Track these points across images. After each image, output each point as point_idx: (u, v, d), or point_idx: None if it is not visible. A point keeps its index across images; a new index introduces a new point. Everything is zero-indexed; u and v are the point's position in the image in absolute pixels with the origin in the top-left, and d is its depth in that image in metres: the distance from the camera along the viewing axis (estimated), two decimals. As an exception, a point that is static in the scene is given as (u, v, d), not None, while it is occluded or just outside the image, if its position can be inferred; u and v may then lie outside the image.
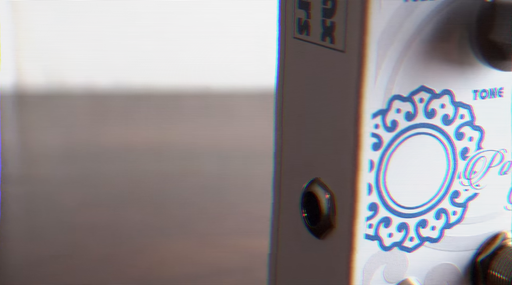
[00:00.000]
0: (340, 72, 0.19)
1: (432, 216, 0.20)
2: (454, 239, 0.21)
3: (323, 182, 0.20)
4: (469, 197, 0.21)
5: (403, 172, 0.20)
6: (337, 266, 0.20)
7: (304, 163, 0.21)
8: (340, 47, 0.19)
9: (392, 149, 0.19)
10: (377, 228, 0.20)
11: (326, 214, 0.20)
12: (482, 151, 0.21)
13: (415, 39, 0.19)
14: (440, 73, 0.19)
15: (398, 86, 0.19)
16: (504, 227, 0.21)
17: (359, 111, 0.19)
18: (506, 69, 0.19)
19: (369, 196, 0.20)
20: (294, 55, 0.21)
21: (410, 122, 0.19)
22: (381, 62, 0.19)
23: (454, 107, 0.20)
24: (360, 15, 0.18)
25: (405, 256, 0.20)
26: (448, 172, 0.20)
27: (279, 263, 0.23)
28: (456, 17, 0.19)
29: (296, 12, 0.20)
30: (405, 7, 0.18)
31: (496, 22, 0.18)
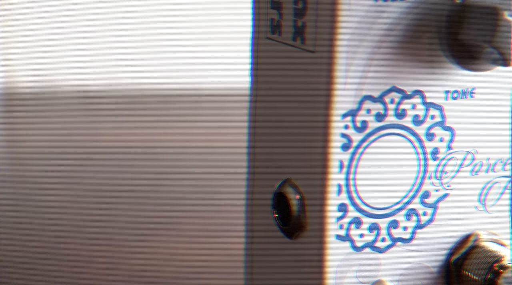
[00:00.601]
0: (311, 72, 0.19)
1: (403, 217, 0.20)
2: (426, 240, 0.21)
3: (294, 183, 0.20)
4: (439, 197, 0.21)
5: (373, 172, 0.20)
6: (309, 267, 0.20)
7: (276, 163, 0.21)
8: (311, 47, 0.19)
9: (362, 149, 0.19)
10: (348, 229, 0.20)
11: (296, 215, 0.20)
12: (453, 152, 0.21)
13: (385, 39, 0.19)
14: (411, 74, 0.19)
15: (369, 86, 0.19)
16: (476, 227, 0.21)
17: (328, 112, 0.19)
18: (476, 70, 0.19)
19: (338, 196, 0.20)
20: (266, 55, 0.21)
21: (380, 123, 0.19)
22: (351, 62, 0.19)
23: (425, 107, 0.20)
24: (330, 15, 0.18)
25: (377, 256, 0.20)
26: (419, 172, 0.20)
27: (254, 263, 0.23)
28: (427, 18, 0.19)
29: (269, 13, 0.20)
30: (375, 8, 0.18)
31: (465, 23, 0.18)
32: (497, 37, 0.18)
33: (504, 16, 0.17)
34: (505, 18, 0.17)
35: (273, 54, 0.20)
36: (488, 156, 0.21)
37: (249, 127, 0.22)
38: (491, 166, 0.21)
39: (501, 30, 0.17)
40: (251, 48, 0.21)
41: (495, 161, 0.21)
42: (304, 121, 0.20)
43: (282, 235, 0.21)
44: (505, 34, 0.17)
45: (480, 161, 0.21)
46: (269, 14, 0.20)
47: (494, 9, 0.17)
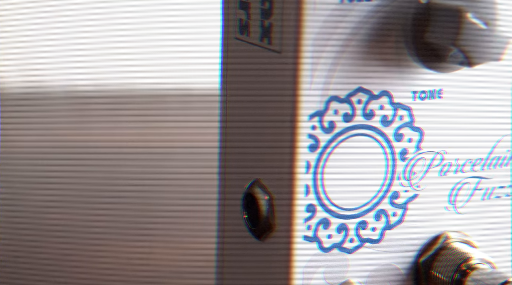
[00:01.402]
0: (277, 73, 0.19)
1: (372, 217, 0.20)
2: (396, 240, 0.21)
3: (263, 184, 0.20)
4: (409, 198, 0.21)
5: (341, 173, 0.20)
6: (277, 267, 0.20)
7: (246, 164, 0.21)
8: (277, 48, 0.19)
9: (330, 150, 0.19)
10: (316, 230, 0.20)
11: (265, 216, 0.20)
12: (422, 152, 0.21)
13: (351, 40, 0.19)
14: (377, 75, 0.19)
15: (335, 87, 0.19)
16: (446, 228, 0.21)
17: (295, 113, 0.19)
18: (443, 71, 0.19)
19: (306, 197, 0.20)
20: (235, 56, 0.21)
21: (348, 123, 0.19)
22: (316, 63, 0.19)
23: (393, 108, 0.20)
24: (295, 16, 0.18)
25: (345, 257, 0.20)
26: (387, 173, 0.20)
27: (225, 263, 0.23)
28: (393, 19, 0.19)
29: (237, 13, 0.20)
30: (341, 8, 0.18)
31: (430, 24, 0.18)
32: (460, 38, 0.18)
33: (468, 17, 0.17)
34: (468, 19, 0.17)
35: (242, 55, 0.20)
36: (457, 156, 0.21)
37: (220, 127, 0.22)
38: (460, 166, 0.21)
39: (464, 31, 0.17)
40: (221, 48, 0.21)
41: (464, 161, 0.21)
42: (272, 121, 0.20)
43: (251, 236, 0.21)
44: (469, 35, 0.17)
45: (449, 161, 0.21)
46: (238, 15, 0.20)
47: (457, 10, 0.17)
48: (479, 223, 0.22)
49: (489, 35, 0.18)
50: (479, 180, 0.21)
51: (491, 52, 0.18)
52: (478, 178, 0.21)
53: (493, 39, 0.18)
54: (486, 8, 0.17)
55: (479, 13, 0.17)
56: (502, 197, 0.22)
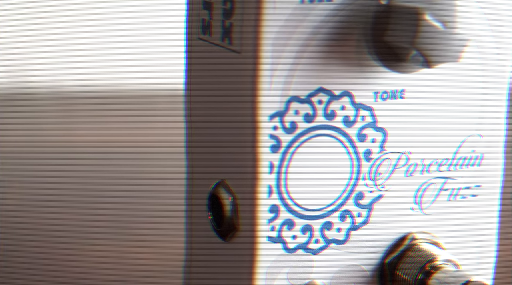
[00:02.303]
0: (238, 73, 0.19)
1: (337, 218, 0.20)
2: (361, 241, 0.21)
3: (228, 184, 0.20)
4: (374, 198, 0.21)
5: (304, 174, 0.20)
6: (241, 268, 0.20)
7: (211, 164, 0.21)
8: (237, 48, 0.19)
9: (292, 150, 0.19)
10: (280, 230, 0.20)
11: (229, 217, 0.20)
12: (386, 153, 0.21)
13: (311, 40, 0.19)
14: (338, 75, 0.19)
15: (296, 87, 0.19)
16: (412, 228, 0.21)
17: (255, 113, 0.19)
18: (404, 71, 0.19)
19: (269, 198, 0.19)
20: (198, 56, 0.21)
21: (309, 124, 0.19)
22: (276, 63, 0.19)
23: (355, 108, 0.20)
24: (255, 16, 0.18)
25: (310, 258, 0.20)
26: (352, 173, 0.20)
27: (192, 264, 0.23)
28: (353, 19, 0.19)
29: (201, 13, 0.20)
30: (301, 9, 0.18)
31: (390, 25, 0.18)
32: (418, 39, 0.17)
33: (425, 18, 0.17)
34: (426, 20, 0.17)
35: (204, 55, 0.20)
36: (422, 157, 0.21)
37: (186, 127, 0.22)
38: (426, 167, 0.21)
39: (422, 32, 0.17)
40: (185, 48, 0.21)
41: (430, 162, 0.21)
42: (234, 122, 0.20)
43: (217, 237, 0.21)
44: (427, 36, 0.17)
45: (414, 162, 0.21)
46: (201, 15, 0.20)
47: (415, 11, 0.17)
48: (445, 223, 0.22)
49: (447, 35, 0.18)
50: (445, 181, 0.21)
51: (450, 52, 0.18)
52: (444, 179, 0.21)
53: (452, 40, 0.18)
54: (444, 9, 0.17)
55: (437, 14, 0.17)
56: (468, 197, 0.22)
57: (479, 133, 0.21)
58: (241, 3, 0.18)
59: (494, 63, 0.21)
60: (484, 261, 0.22)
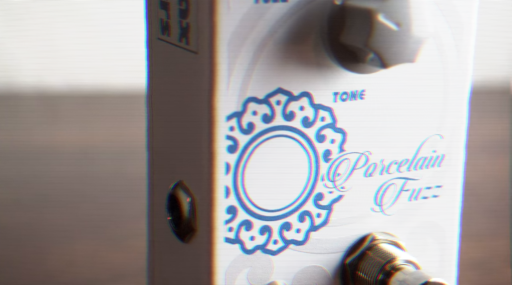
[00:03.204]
0: (195, 74, 0.19)
1: (296, 219, 0.20)
2: (321, 242, 0.21)
3: (186, 185, 0.20)
4: (334, 199, 0.21)
5: (262, 174, 0.20)
6: (200, 269, 0.20)
7: (171, 165, 0.21)
8: (194, 48, 0.19)
9: (250, 151, 0.19)
10: (238, 231, 0.20)
11: (187, 218, 0.20)
12: (346, 154, 0.20)
13: (268, 41, 0.19)
14: (297, 76, 0.19)
15: (253, 88, 0.19)
16: (372, 229, 0.21)
17: (212, 114, 0.19)
18: (361, 72, 0.19)
19: (227, 199, 0.19)
20: (158, 56, 0.21)
21: (267, 125, 0.19)
22: (233, 63, 0.18)
23: (314, 109, 0.20)
24: (209, 16, 0.18)
25: (269, 259, 0.20)
26: (311, 174, 0.20)
27: (155, 265, 0.23)
28: (310, 20, 0.19)
29: (159, 13, 0.20)
30: (256, 9, 0.18)
31: (345, 25, 0.18)
32: (373, 40, 0.17)
33: (379, 19, 0.17)
34: (379, 20, 0.17)
35: (164, 55, 0.20)
36: (382, 157, 0.21)
37: (147, 127, 0.22)
38: (386, 167, 0.21)
39: (376, 32, 0.17)
40: (146, 49, 0.21)
41: (390, 162, 0.21)
42: (191, 123, 0.20)
43: (176, 238, 0.21)
44: (381, 37, 0.17)
45: (374, 162, 0.21)
46: (159, 15, 0.20)
47: (368, 12, 0.17)
48: (406, 224, 0.22)
49: (402, 36, 0.18)
50: (405, 181, 0.21)
51: (405, 53, 0.18)
52: (404, 179, 0.21)
53: (407, 40, 0.18)
54: (398, 9, 0.17)
55: (391, 15, 0.17)
56: (429, 197, 0.22)
57: (440, 134, 0.21)
58: (196, 3, 0.18)
59: (454, 63, 0.21)
60: (446, 261, 0.22)
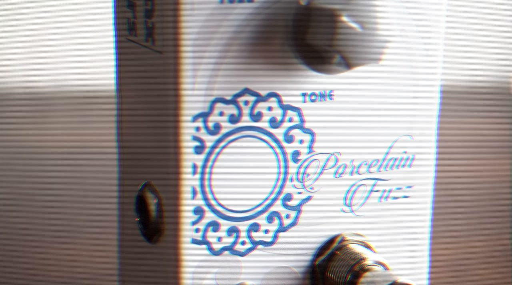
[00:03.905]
0: (161, 74, 0.19)
1: (264, 220, 0.20)
2: (290, 242, 0.21)
3: (154, 186, 0.20)
4: (303, 200, 0.21)
5: (230, 175, 0.20)
6: (168, 270, 0.20)
7: (139, 166, 0.21)
8: (159, 48, 0.19)
9: (217, 152, 0.19)
10: (205, 233, 0.20)
11: (154, 219, 0.20)
12: (315, 154, 0.20)
13: (234, 41, 0.19)
14: (264, 76, 0.19)
15: (220, 88, 0.19)
16: (342, 229, 0.21)
17: (177, 114, 0.19)
18: (327, 72, 0.19)
19: (193, 200, 0.19)
20: (126, 56, 0.20)
21: (234, 125, 0.19)
22: (198, 64, 0.18)
23: (282, 110, 0.20)
24: (173, 16, 0.18)
25: (238, 260, 0.20)
26: (279, 175, 0.20)
27: (125, 266, 0.22)
28: (275, 20, 0.19)
29: (126, 13, 0.20)
30: (221, 9, 0.18)
31: (311, 26, 0.18)
32: (336, 40, 0.17)
33: (342, 19, 0.17)
34: (343, 21, 0.17)
35: (131, 55, 0.20)
36: (352, 158, 0.21)
37: (117, 128, 0.22)
38: (356, 168, 0.21)
39: (340, 33, 0.17)
40: (115, 49, 0.21)
41: (360, 163, 0.21)
42: (158, 123, 0.19)
43: (144, 239, 0.21)
44: (345, 37, 0.17)
45: (344, 163, 0.21)
46: (126, 14, 0.20)
47: (332, 12, 0.17)
48: (376, 224, 0.22)
49: (366, 37, 0.17)
50: (375, 182, 0.21)
51: (370, 54, 0.18)
52: (374, 180, 0.21)
53: (371, 41, 0.17)
54: (362, 10, 0.17)
55: (355, 15, 0.17)
56: (400, 198, 0.22)
57: (410, 134, 0.21)
58: (161, 3, 0.18)
59: (423, 64, 0.21)
60: (417, 262, 0.22)
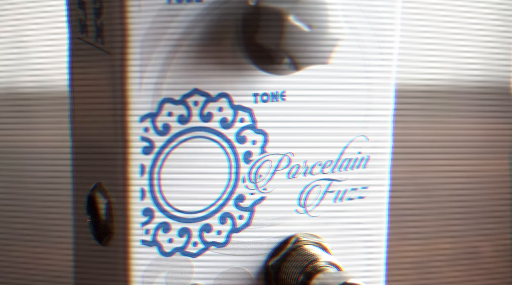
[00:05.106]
0: (109, 74, 0.19)
1: (217, 221, 0.20)
2: (243, 244, 0.21)
3: (104, 187, 0.20)
4: (255, 201, 0.20)
5: (180, 176, 0.19)
6: (118, 272, 0.20)
7: (90, 166, 0.21)
8: (108, 48, 0.18)
9: (166, 153, 0.19)
10: (155, 234, 0.19)
11: (104, 220, 0.20)
12: (267, 155, 0.20)
13: (183, 41, 0.18)
14: (214, 76, 0.19)
15: (168, 89, 0.19)
16: (297, 230, 0.21)
17: (125, 114, 0.18)
18: (277, 73, 0.19)
19: (142, 201, 0.19)
20: (78, 56, 0.20)
21: (184, 126, 0.19)
22: (146, 64, 0.18)
23: (233, 110, 0.19)
24: (120, 16, 0.18)
25: (189, 261, 0.20)
26: (231, 176, 0.20)
27: (79, 267, 0.22)
28: (225, 20, 0.19)
29: (77, 12, 0.20)
30: (169, 9, 0.18)
31: (260, 26, 0.18)
32: (283, 41, 0.17)
33: (289, 20, 0.17)
34: (290, 21, 0.17)
35: (83, 55, 0.20)
36: (305, 159, 0.21)
37: (71, 128, 0.22)
38: (309, 169, 0.21)
39: (287, 34, 0.17)
40: (68, 48, 0.21)
41: (313, 164, 0.21)
42: (108, 124, 0.19)
43: (95, 240, 0.20)
44: (292, 38, 0.17)
45: (297, 164, 0.21)
46: (78, 14, 0.20)
47: (280, 13, 0.17)
48: (332, 225, 0.21)
49: (314, 37, 0.17)
50: (330, 182, 0.21)
51: (318, 54, 0.17)
52: (329, 180, 0.21)
53: (319, 42, 0.17)
54: (310, 10, 0.17)
55: (303, 16, 0.17)
56: (355, 199, 0.22)
57: (364, 135, 0.21)
58: (108, 2, 0.18)
59: (377, 64, 0.21)
60: (373, 262, 0.22)
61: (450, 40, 0.60)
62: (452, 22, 0.59)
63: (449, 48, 0.60)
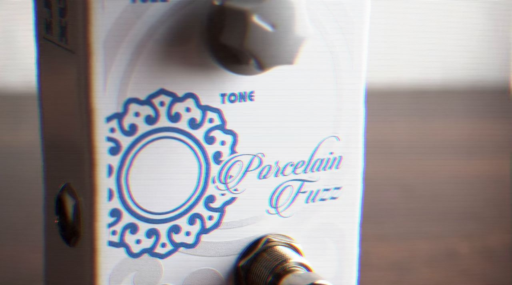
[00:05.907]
0: (74, 74, 0.19)
1: (186, 222, 0.20)
2: (213, 244, 0.20)
3: (72, 188, 0.20)
4: (226, 201, 0.20)
5: (148, 177, 0.19)
6: (85, 274, 0.20)
7: (59, 167, 0.20)
8: (72, 48, 0.18)
9: (134, 153, 0.19)
10: (123, 235, 0.19)
11: (71, 221, 0.20)
12: (237, 155, 0.20)
13: (148, 41, 0.18)
14: (180, 76, 0.19)
15: (134, 89, 0.18)
16: (268, 231, 0.21)
17: (90, 115, 0.18)
18: (243, 73, 0.19)
19: (110, 202, 0.19)
20: (44, 56, 0.20)
21: (151, 126, 0.19)
22: (110, 64, 0.18)
23: (201, 110, 0.19)
24: (83, 15, 0.18)
25: (157, 262, 0.20)
26: (201, 176, 0.20)
27: (48, 268, 0.22)
28: (190, 20, 0.18)
29: (43, 11, 0.20)
30: (133, 9, 0.18)
31: (225, 26, 0.18)
32: (247, 41, 0.17)
33: (253, 20, 0.17)
34: (253, 21, 0.17)
35: (49, 55, 0.20)
36: (277, 159, 0.21)
37: (40, 127, 0.21)
38: (281, 169, 0.21)
39: (251, 34, 0.17)
40: (35, 48, 0.21)
41: (285, 164, 0.21)
42: (74, 124, 0.19)
43: (63, 241, 0.20)
44: (256, 38, 0.17)
45: (268, 164, 0.20)
46: (44, 13, 0.20)
47: (243, 13, 0.17)
48: (303, 225, 0.21)
49: (278, 37, 0.17)
50: (302, 183, 0.21)
51: (282, 55, 0.17)
52: (300, 181, 0.21)
53: (284, 42, 0.17)
54: (275, 10, 0.17)
55: (266, 16, 0.17)
56: (328, 199, 0.21)
57: (336, 136, 0.21)
58: (72, 1, 0.18)
59: (347, 65, 0.21)
60: (346, 263, 0.22)
61: (442, 40, 0.60)
62: (445, 21, 0.59)
63: (441, 48, 0.60)
